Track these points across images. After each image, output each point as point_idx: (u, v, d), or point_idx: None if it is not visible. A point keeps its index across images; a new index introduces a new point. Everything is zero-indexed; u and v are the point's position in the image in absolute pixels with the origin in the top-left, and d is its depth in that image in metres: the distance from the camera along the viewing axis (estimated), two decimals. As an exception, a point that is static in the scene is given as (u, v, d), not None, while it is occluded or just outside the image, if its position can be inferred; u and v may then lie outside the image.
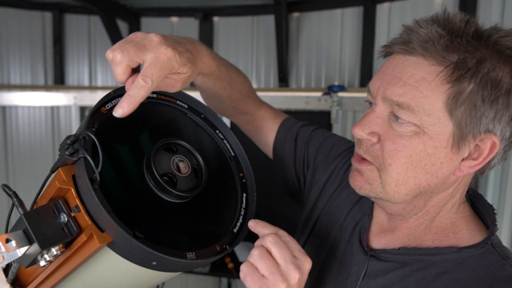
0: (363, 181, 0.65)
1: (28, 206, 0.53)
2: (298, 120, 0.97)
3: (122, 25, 2.96)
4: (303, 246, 0.83)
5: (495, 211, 0.66)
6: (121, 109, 0.53)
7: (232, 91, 0.84)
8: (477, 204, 0.69)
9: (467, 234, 0.65)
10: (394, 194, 0.62)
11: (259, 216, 0.62)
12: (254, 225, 0.61)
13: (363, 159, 0.64)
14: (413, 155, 0.59)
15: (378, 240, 0.71)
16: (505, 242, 2.06)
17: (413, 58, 0.58)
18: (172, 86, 0.61)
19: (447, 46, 0.55)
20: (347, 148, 0.89)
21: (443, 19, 0.58)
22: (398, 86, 0.58)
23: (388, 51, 0.64)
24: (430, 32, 0.56)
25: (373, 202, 0.76)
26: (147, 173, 0.55)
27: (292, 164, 0.93)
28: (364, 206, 0.77)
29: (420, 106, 0.57)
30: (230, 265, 2.39)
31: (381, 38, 2.58)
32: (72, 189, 0.49)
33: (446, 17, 0.58)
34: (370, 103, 0.66)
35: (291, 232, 0.65)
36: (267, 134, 0.95)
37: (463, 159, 0.60)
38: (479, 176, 0.66)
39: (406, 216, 0.66)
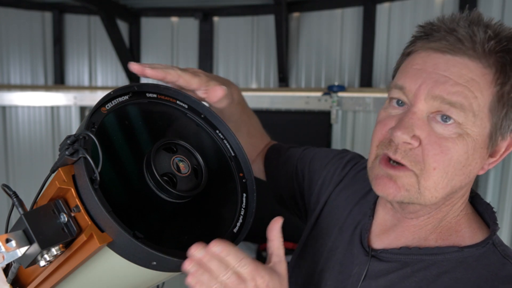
0: (397, 188, 0.60)
1: (28, 206, 0.53)
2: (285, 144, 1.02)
3: (122, 25, 2.97)
4: (303, 248, 0.84)
5: (494, 210, 0.66)
6: None
7: (250, 126, 0.92)
8: (475, 202, 0.70)
9: (468, 233, 0.65)
10: (431, 198, 0.60)
11: (259, 216, 0.62)
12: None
13: (396, 165, 0.61)
14: (456, 158, 0.58)
15: (380, 241, 0.71)
16: (505, 241, 2.06)
17: (457, 58, 0.57)
18: None
19: (495, 48, 0.55)
20: (338, 153, 0.90)
21: (480, 20, 0.57)
22: (449, 85, 0.56)
23: (423, 47, 0.61)
24: (477, 33, 0.55)
25: (374, 203, 0.76)
26: (147, 173, 0.55)
27: (285, 181, 0.95)
28: (364, 207, 0.77)
29: (471, 107, 0.56)
30: (230, 265, 2.39)
31: (381, 38, 2.58)
32: (72, 189, 0.49)
33: (480, 18, 0.58)
34: (399, 102, 0.62)
35: (291, 231, 0.65)
36: (259, 159, 1.00)
37: None
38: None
39: (420, 214, 0.66)
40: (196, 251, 0.51)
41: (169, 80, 0.63)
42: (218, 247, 0.51)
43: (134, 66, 0.62)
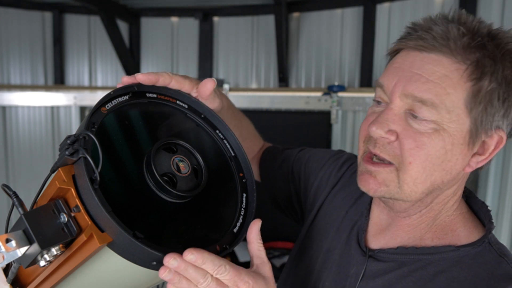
0: (377, 184, 0.63)
1: (28, 206, 0.53)
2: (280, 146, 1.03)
3: (122, 25, 2.97)
4: (299, 248, 0.84)
5: (488, 208, 0.67)
6: None
7: (243, 129, 0.92)
8: (470, 201, 0.70)
9: (464, 232, 0.65)
10: (410, 193, 0.62)
11: (259, 216, 0.62)
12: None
13: (376, 162, 0.63)
14: (433, 152, 0.59)
15: (377, 241, 0.71)
16: (505, 242, 2.06)
17: (432, 56, 0.58)
18: None
19: (469, 44, 0.56)
20: (334, 154, 0.90)
21: (458, 18, 0.59)
22: (421, 83, 0.58)
23: (400, 48, 0.63)
24: (451, 30, 0.57)
25: (369, 203, 0.76)
26: (147, 173, 0.55)
27: (281, 184, 0.95)
28: (361, 208, 0.77)
29: (443, 103, 0.57)
30: (230, 265, 2.39)
31: (381, 38, 2.58)
32: (72, 189, 0.49)
33: (459, 16, 0.59)
34: (379, 102, 0.64)
35: (290, 232, 0.65)
36: (254, 162, 1.01)
37: (472, 156, 0.61)
38: (479, 171, 0.67)
39: (411, 213, 0.66)
40: (170, 260, 0.49)
41: (162, 83, 0.63)
42: (192, 256, 0.49)
43: (124, 79, 0.61)
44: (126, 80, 0.61)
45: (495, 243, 0.62)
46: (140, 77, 0.61)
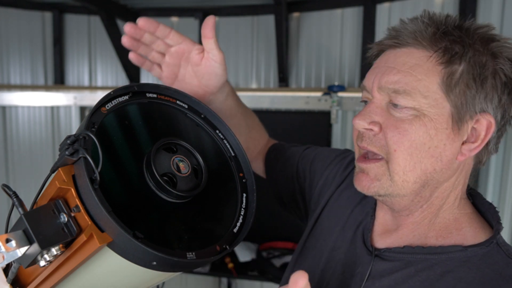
0: (370, 180, 0.65)
1: (28, 206, 0.53)
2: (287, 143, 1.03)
3: (122, 25, 2.96)
4: (303, 247, 0.84)
5: (496, 209, 0.66)
6: None
7: (248, 118, 0.93)
8: (476, 202, 0.70)
9: (470, 232, 0.65)
10: (403, 184, 0.62)
11: (259, 216, 0.62)
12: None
13: (368, 159, 0.65)
14: (416, 138, 0.60)
15: (382, 240, 0.71)
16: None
17: (404, 49, 0.63)
18: None
19: (435, 33, 0.60)
20: (340, 153, 0.91)
21: (426, 15, 0.63)
22: (392, 74, 0.61)
23: (379, 49, 0.68)
24: (417, 24, 0.62)
25: (375, 203, 0.76)
26: (147, 173, 0.55)
27: (286, 181, 0.95)
28: (366, 207, 0.77)
29: (416, 89, 0.60)
30: (230, 265, 2.39)
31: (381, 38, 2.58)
32: (72, 189, 0.49)
33: (427, 13, 0.63)
34: (366, 102, 0.68)
35: (291, 231, 0.65)
36: (260, 158, 1.02)
37: (463, 143, 0.62)
38: (479, 167, 0.68)
39: (413, 210, 0.67)
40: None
41: (161, 32, 0.73)
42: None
43: (127, 28, 0.73)
44: (128, 29, 0.72)
45: (503, 244, 0.62)
46: (141, 23, 0.71)
